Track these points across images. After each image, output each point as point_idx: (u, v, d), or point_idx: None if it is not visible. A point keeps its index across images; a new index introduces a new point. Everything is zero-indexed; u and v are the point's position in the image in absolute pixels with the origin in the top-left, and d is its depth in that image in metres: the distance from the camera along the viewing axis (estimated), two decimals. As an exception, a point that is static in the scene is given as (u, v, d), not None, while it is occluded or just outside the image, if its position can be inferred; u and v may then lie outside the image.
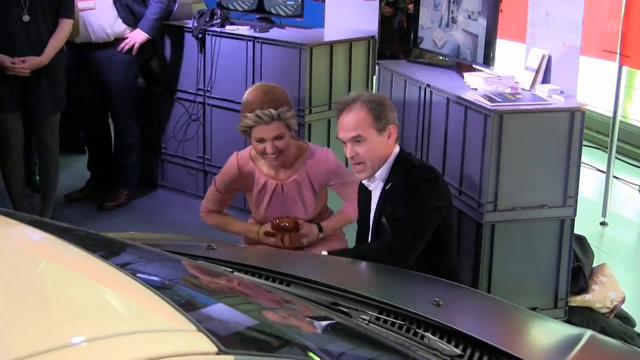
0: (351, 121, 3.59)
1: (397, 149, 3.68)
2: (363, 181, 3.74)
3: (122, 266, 1.91)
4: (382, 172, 3.65)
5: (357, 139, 3.57)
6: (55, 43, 5.36)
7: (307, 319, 2.27)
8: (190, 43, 6.15)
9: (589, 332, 2.84)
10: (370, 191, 3.77)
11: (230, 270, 2.74)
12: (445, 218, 3.68)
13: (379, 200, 3.71)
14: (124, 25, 5.90)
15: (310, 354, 1.84)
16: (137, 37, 5.90)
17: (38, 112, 5.47)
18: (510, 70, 4.85)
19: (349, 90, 5.60)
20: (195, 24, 6.06)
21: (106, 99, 6.10)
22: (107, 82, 6.00)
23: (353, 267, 3.47)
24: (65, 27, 5.40)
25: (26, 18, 5.24)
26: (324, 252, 3.69)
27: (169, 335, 1.51)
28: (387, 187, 3.66)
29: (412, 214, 3.58)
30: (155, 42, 6.14)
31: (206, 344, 1.47)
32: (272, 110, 3.85)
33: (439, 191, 3.65)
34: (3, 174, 5.60)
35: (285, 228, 4.03)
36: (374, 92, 5.55)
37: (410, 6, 5.95)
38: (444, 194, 3.69)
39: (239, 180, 4.14)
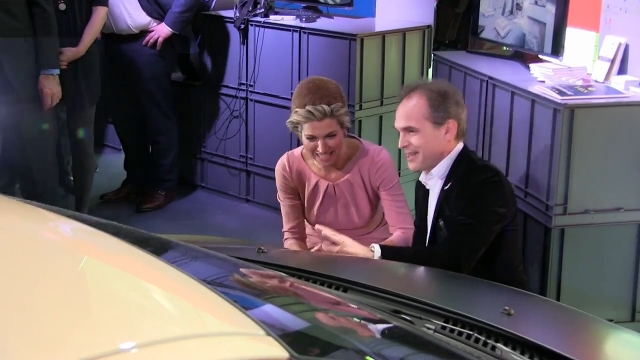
0: (407, 109, 3.58)
1: (459, 146, 3.62)
2: (420, 179, 3.71)
3: (179, 266, 1.92)
4: (440, 169, 3.60)
5: (409, 129, 3.54)
6: (91, 32, 5.40)
7: (372, 325, 2.23)
8: (231, 35, 6.17)
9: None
10: (427, 190, 3.72)
11: (284, 275, 2.70)
12: (510, 223, 3.61)
13: (437, 201, 3.65)
14: (148, 18, 5.94)
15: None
16: (161, 31, 5.94)
17: (74, 106, 5.49)
18: (582, 61, 4.80)
19: (402, 84, 5.52)
20: (237, 14, 6.07)
21: (135, 95, 6.13)
22: (134, 78, 6.05)
23: (414, 273, 3.42)
24: (100, 15, 5.44)
25: (62, 7, 5.27)
26: (375, 245, 3.59)
27: (238, 339, 1.52)
28: (446, 187, 3.60)
29: (471, 220, 3.51)
30: (187, 36, 6.16)
31: (277, 349, 1.47)
32: (325, 106, 3.78)
33: (502, 196, 3.57)
34: None
35: None
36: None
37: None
38: (508, 199, 3.61)
39: (291, 180, 4.08)
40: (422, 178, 3.69)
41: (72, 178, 6.08)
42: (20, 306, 1.44)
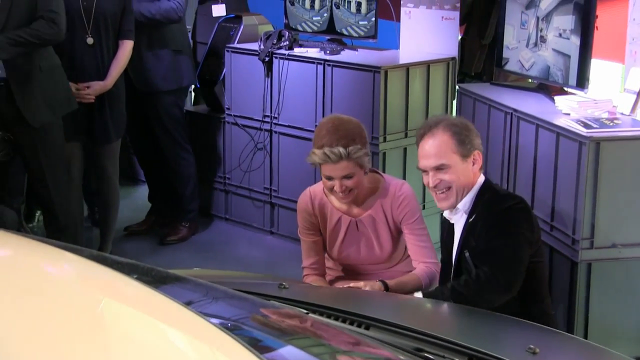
0: (433, 147, 3.54)
1: (481, 178, 3.60)
2: (445, 214, 3.66)
3: (191, 305, 1.91)
4: (465, 203, 3.57)
5: (440, 168, 3.50)
6: (118, 66, 5.42)
7: None
8: (256, 67, 6.17)
9: None
10: (452, 225, 3.68)
11: (305, 311, 2.70)
12: (535, 254, 3.55)
13: (462, 233, 3.61)
14: None
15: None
16: None
17: (102, 139, 5.51)
18: (608, 93, 4.75)
19: (427, 117, 5.58)
20: (262, 47, 6.09)
21: (150, 126, 6.15)
22: (146, 110, 6.06)
23: (437, 309, 3.40)
24: (126, 49, 5.45)
25: (90, 41, 5.32)
26: (418, 295, 3.56)
27: None
28: (470, 219, 3.56)
29: (501, 242, 3.46)
30: (181, 70, 6.18)
31: None
32: (341, 149, 3.73)
33: (530, 221, 3.54)
34: None
35: None
36: (455, 116, 5.50)
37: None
38: (534, 226, 3.57)
39: (314, 215, 4.04)
40: (447, 213, 3.65)
41: (96, 210, 6.08)
42: (35, 347, 1.45)
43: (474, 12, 6.21)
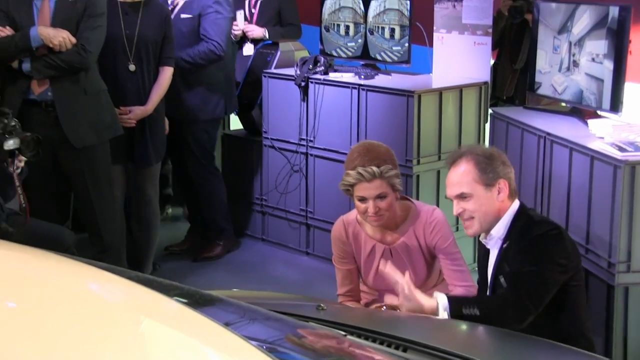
0: (457, 176, 3.60)
1: (516, 204, 3.60)
2: (481, 239, 3.65)
3: (230, 326, 1.91)
4: (499, 230, 3.57)
5: (462, 196, 3.53)
6: (158, 91, 5.44)
7: None
8: (292, 91, 6.17)
9: None
10: (488, 250, 3.65)
11: (343, 333, 2.70)
12: (573, 279, 3.51)
13: (496, 260, 3.60)
14: None
15: None
16: None
17: (143, 162, 5.53)
18: None
19: (460, 140, 5.63)
20: (298, 72, 6.09)
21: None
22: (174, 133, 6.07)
23: (475, 333, 3.34)
24: (166, 75, 5.47)
25: (132, 67, 5.35)
26: (439, 294, 3.53)
27: None
28: (505, 246, 3.55)
29: (532, 268, 3.44)
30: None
31: None
32: (374, 168, 3.79)
33: (564, 248, 3.49)
34: None
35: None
36: (486, 144, 5.51)
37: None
38: (571, 253, 3.52)
39: (348, 244, 4.04)
40: (482, 239, 3.63)
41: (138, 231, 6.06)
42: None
43: (505, 37, 6.20)
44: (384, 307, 3.85)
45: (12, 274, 1.98)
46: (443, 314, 3.40)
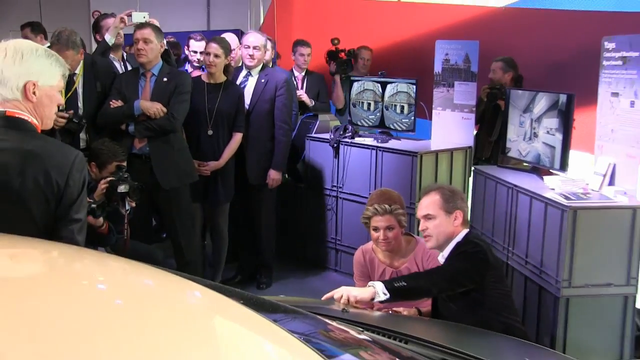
0: (426, 202, 3.62)
1: (465, 231, 3.59)
2: (439, 258, 3.64)
3: (282, 323, 1.83)
4: (447, 250, 3.57)
5: (428, 217, 3.57)
6: (229, 150, 5.42)
7: None
8: (327, 150, 6.19)
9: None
10: None
11: (360, 329, 2.66)
12: (497, 282, 3.50)
13: None
14: None
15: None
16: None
17: (215, 202, 5.53)
18: (582, 175, 4.75)
19: None
20: (332, 136, 6.12)
21: None
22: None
23: (458, 330, 3.34)
24: (237, 139, 5.45)
25: (210, 132, 5.35)
26: (374, 282, 3.40)
27: None
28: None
29: (457, 259, 3.49)
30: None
31: None
32: (387, 205, 3.84)
33: (484, 252, 3.47)
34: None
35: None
36: (470, 193, 5.52)
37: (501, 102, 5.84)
38: (491, 259, 3.49)
39: (365, 266, 4.04)
40: (439, 257, 3.65)
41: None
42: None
43: (484, 116, 6.17)
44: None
45: (120, 278, 1.93)
46: (381, 295, 3.32)
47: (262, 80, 5.62)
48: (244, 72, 5.72)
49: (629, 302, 4.23)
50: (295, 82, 6.79)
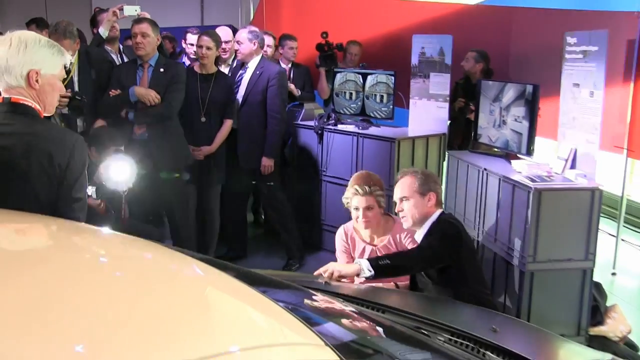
0: (402, 185, 3.61)
1: (438, 212, 3.58)
2: (415, 237, 3.65)
3: (269, 294, 1.81)
4: (424, 229, 3.57)
5: (404, 198, 3.57)
6: (221, 136, 5.42)
7: (401, 338, 2.21)
8: (312, 137, 6.17)
9: (609, 356, 2.74)
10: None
11: (342, 300, 2.66)
12: (468, 256, 3.51)
13: None
14: None
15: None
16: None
17: (208, 184, 5.53)
18: (546, 159, 4.77)
19: None
20: (317, 123, 6.10)
21: None
22: None
23: (431, 302, 3.37)
24: (227, 125, 5.44)
25: (203, 119, 5.35)
26: (360, 259, 3.42)
27: (301, 347, 1.45)
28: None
29: (434, 239, 3.49)
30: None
31: (331, 355, 1.43)
32: (366, 187, 3.78)
33: (458, 231, 3.48)
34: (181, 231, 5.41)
35: None
36: (444, 176, 5.51)
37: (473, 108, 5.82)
38: (464, 237, 3.52)
39: (346, 243, 3.98)
40: (416, 236, 3.66)
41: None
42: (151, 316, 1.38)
43: (457, 120, 6.20)
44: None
45: (118, 250, 1.93)
46: (366, 272, 3.33)
47: (257, 72, 5.59)
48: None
49: (587, 275, 4.27)
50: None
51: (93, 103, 4.96)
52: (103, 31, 5.56)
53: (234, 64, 5.87)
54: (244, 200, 6.10)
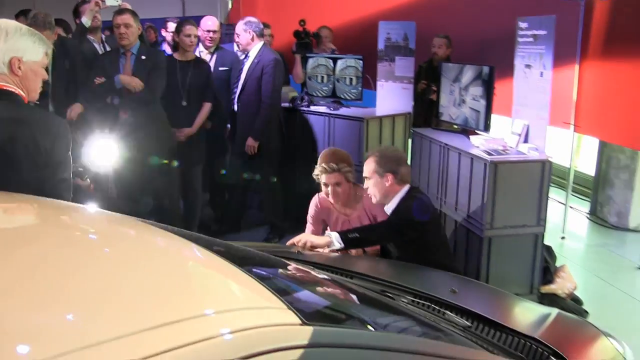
0: (366, 165, 3.58)
1: (406, 188, 3.52)
2: (385, 209, 3.62)
3: (237, 263, 1.72)
4: (393, 204, 3.54)
5: (366, 178, 3.56)
6: (200, 119, 5.37)
7: (366, 300, 2.21)
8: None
9: (556, 310, 2.79)
10: None
11: (312, 267, 2.59)
12: (432, 228, 3.50)
13: None
14: None
15: (367, 325, 1.79)
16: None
17: (189, 164, 5.48)
18: (501, 134, 4.80)
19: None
20: (291, 105, 6.06)
21: None
22: None
23: (394, 267, 3.35)
24: (206, 109, 5.39)
25: (184, 103, 5.30)
26: (331, 232, 3.41)
27: (266, 310, 1.43)
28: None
29: (402, 212, 3.47)
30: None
31: (293, 318, 1.42)
32: (333, 164, 3.68)
33: (425, 205, 3.46)
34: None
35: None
36: (409, 152, 5.47)
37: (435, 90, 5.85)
38: (431, 209, 3.52)
39: (320, 213, 3.90)
40: (385, 209, 3.63)
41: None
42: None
43: (420, 99, 6.20)
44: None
45: (103, 226, 1.90)
46: (336, 244, 3.32)
47: (256, 60, 5.48)
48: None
49: (539, 239, 4.31)
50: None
51: (65, 91, 4.92)
52: (86, 21, 5.47)
53: (215, 55, 5.78)
54: (240, 183, 5.99)
